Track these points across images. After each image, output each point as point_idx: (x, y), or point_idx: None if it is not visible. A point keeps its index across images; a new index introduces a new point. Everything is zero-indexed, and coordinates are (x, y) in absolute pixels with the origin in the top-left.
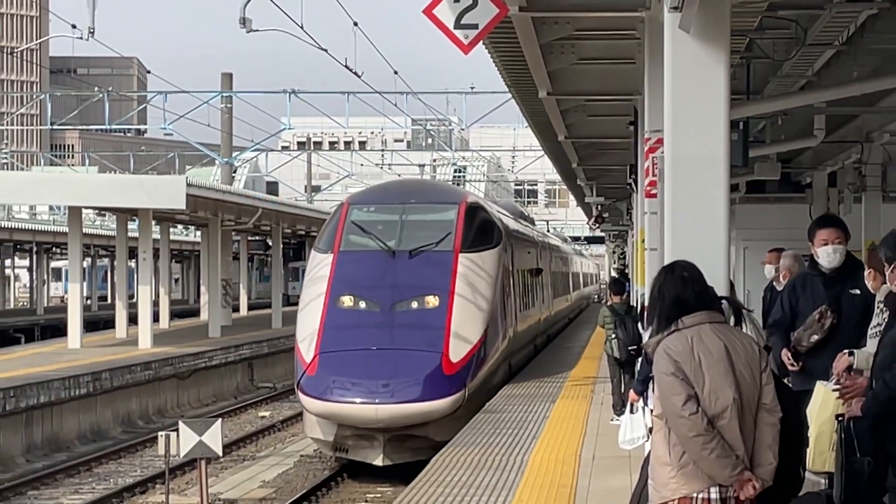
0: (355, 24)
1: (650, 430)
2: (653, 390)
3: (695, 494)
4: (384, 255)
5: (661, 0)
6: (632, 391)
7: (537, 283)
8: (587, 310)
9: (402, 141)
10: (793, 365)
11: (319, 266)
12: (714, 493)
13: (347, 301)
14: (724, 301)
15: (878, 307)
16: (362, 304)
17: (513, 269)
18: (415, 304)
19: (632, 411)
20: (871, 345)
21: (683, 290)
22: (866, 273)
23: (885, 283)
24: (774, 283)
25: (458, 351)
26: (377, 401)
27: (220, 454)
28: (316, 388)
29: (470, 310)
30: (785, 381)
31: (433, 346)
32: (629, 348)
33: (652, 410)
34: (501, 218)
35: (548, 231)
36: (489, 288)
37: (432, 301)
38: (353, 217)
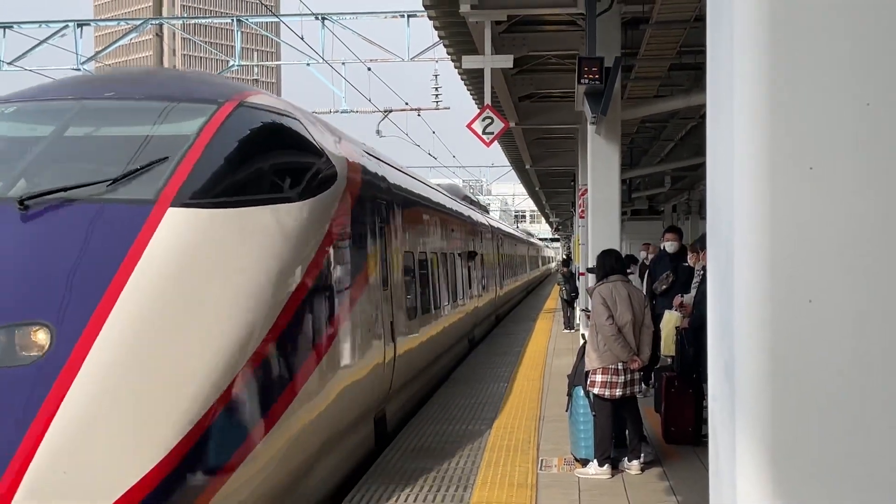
0: (433, 132)
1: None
2: (587, 314)
3: (610, 366)
4: None
5: (586, 119)
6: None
7: (472, 268)
8: (552, 275)
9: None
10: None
11: None
12: (620, 366)
13: None
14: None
15: (696, 273)
16: None
17: (397, 254)
18: None
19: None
20: (693, 293)
21: (611, 263)
22: (689, 255)
23: (699, 260)
24: (644, 261)
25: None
26: None
27: None
28: None
29: (158, 352)
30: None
31: None
32: (571, 294)
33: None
34: (360, 161)
35: (517, 227)
36: (268, 289)
37: (36, 341)
38: None
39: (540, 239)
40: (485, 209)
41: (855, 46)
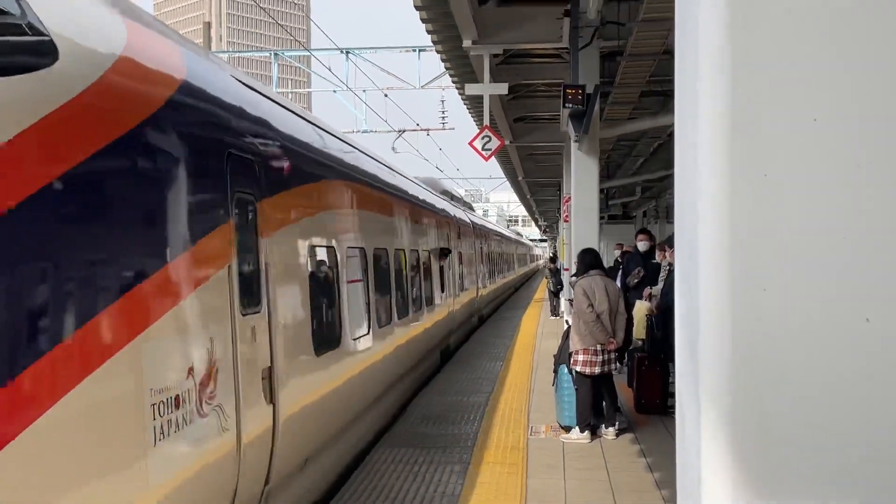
0: (440, 149)
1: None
2: (570, 303)
3: (590, 347)
4: None
5: (570, 137)
6: (566, 300)
7: (446, 267)
8: (540, 270)
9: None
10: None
11: None
12: (599, 347)
13: None
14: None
15: (663, 269)
16: None
17: (293, 251)
18: None
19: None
20: (660, 285)
21: (590, 260)
22: (658, 253)
23: (665, 257)
24: (618, 259)
25: None
26: None
27: None
28: None
29: None
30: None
31: None
32: (557, 286)
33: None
34: (188, 78)
35: (508, 227)
36: None
37: None
38: None
39: (531, 240)
40: (469, 206)
41: (804, 70)
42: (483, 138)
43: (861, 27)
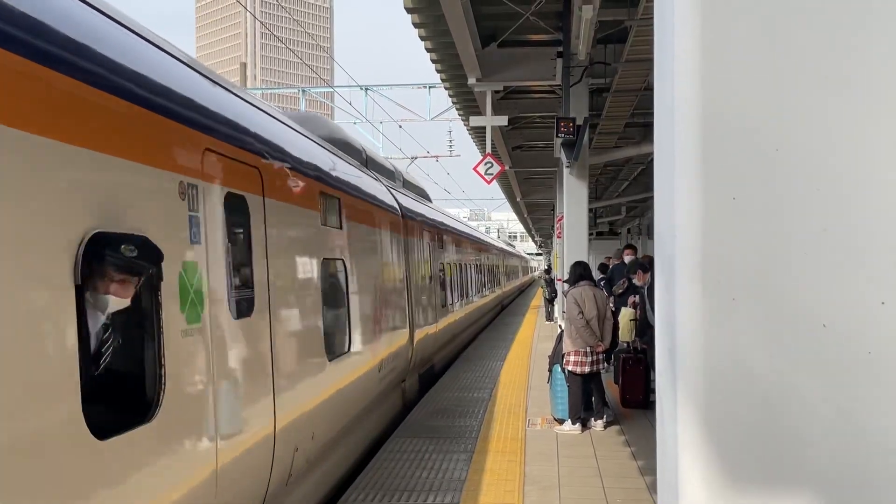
0: (448, 173)
1: (562, 325)
2: (563, 310)
3: (581, 349)
4: None
5: (562, 163)
6: (559, 308)
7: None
8: (536, 281)
9: (467, 217)
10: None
11: None
12: (588, 349)
13: None
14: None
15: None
16: None
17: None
18: None
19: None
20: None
21: (581, 271)
22: (634, 277)
23: (644, 280)
24: (600, 272)
25: None
26: None
27: None
28: None
29: None
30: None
31: None
32: (551, 295)
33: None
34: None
35: (497, 237)
36: None
37: None
38: None
39: (528, 253)
40: (423, 194)
41: (765, 106)
42: (485, 164)
43: (815, 68)
